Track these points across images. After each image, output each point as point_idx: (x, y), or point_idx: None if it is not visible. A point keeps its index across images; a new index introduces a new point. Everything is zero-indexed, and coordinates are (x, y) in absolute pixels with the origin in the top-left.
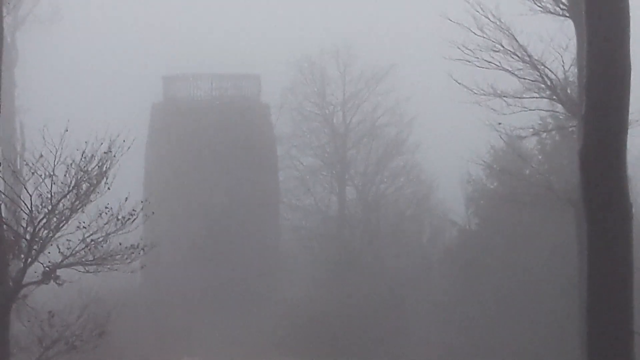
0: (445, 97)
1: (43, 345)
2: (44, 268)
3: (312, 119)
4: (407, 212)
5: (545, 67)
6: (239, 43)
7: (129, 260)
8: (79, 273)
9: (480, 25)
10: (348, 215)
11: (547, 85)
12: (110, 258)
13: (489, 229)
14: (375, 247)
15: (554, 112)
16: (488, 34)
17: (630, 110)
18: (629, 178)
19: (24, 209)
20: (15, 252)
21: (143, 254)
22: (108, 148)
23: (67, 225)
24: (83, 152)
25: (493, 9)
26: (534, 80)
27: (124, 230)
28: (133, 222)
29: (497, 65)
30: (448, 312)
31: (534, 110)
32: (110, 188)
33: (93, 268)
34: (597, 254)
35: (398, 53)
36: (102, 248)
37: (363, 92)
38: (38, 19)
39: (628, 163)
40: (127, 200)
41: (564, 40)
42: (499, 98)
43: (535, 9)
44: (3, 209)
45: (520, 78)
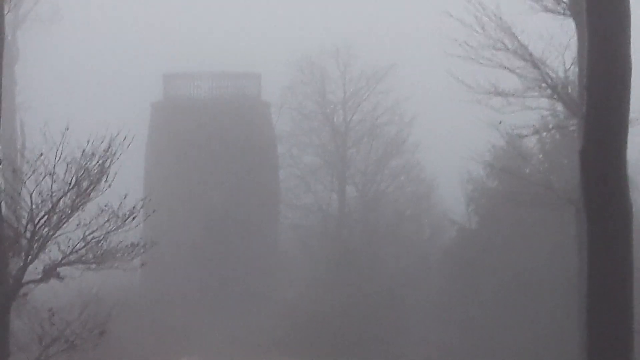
0: (446, 96)
1: (43, 344)
2: (45, 266)
3: (312, 118)
4: (407, 211)
5: (546, 66)
6: (240, 42)
7: (130, 258)
8: (80, 270)
9: (481, 24)
10: (348, 214)
11: (547, 84)
12: (111, 256)
13: (489, 228)
14: (375, 246)
15: (555, 111)
16: (489, 33)
17: (631, 110)
18: (629, 178)
19: (25, 207)
20: (16, 250)
21: (143, 252)
22: (108, 146)
23: (67, 223)
24: (84, 150)
25: (494, 8)
26: (535, 79)
27: (124, 229)
28: (133, 220)
29: (498, 64)
30: (447, 311)
31: (535, 109)
32: (111, 186)
33: (93, 266)
34: (597, 254)
35: (398, 52)
36: (102, 246)
37: (363, 91)
38: (39, 18)
39: (628, 162)
40: (126, 198)
41: (565, 39)
42: (500, 97)
43: (536, 8)
44: (3, 207)
45: (521, 77)
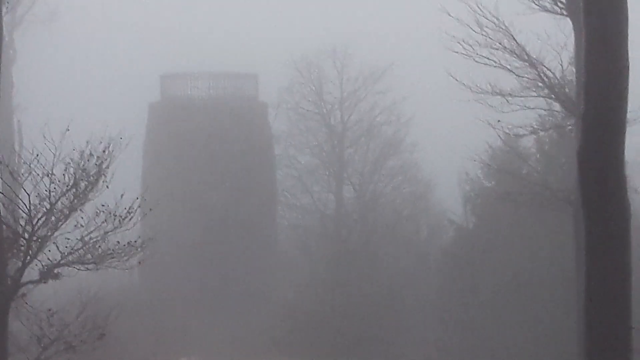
0: (443, 96)
1: (42, 345)
2: (43, 267)
3: (309, 118)
4: (404, 211)
5: (543, 65)
6: (237, 42)
7: (127, 258)
8: (78, 271)
9: (479, 24)
10: (345, 214)
11: (545, 84)
12: (109, 256)
13: (487, 228)
14: (374, 246)
15: (552, 110)
16: (487, 32)
17: (629, 109)
18: (627, 177)
19: (23, 208)
20: (14, 251)
21: (140, 251)
22: (106, 147)
23: (65, 224)
24: (82, 151)
25: (492, 8)
26: (532, 79)
27: (122, 229)
28: (130, 220)
29: (495, 63)
30: (446, 311)
31: (532, 109)
32: (109, 187)
33: (92, 266)
34: (595, 253)
35: (396, 53)
36: (100, 246)
37: (360, 91)
38: (36, 19)
39: (626, 162)
40: (122, 198)
41: (562, 39)
42: (497, 96)
43: (534, 8)
44: (2, 208)
45: (519, 76)
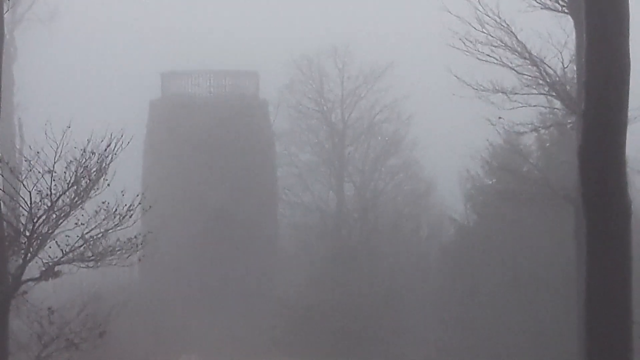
0: (444, 94)
1: (42, 343)
2: (44, 265)
3: (310, 116)
4: (405, 209)
5: (545, 63)
6: (238, 40)
7: (127, 256)
8: (78, 268)
9: (480, 22)
10: (346, 213)
11: (546, 82)
12: (109, 253)
13: (488, 226)
14: (374, 244)
15: (553, 108)
16: (488, 30)
17: (630, 108)
18: (628, 175)
19: (24, 206)
20: (15, 248)
21: (140, 248)
22: (108, 144)
23: (66, 222)
24: (84, 148)
25: (493, 6)
26: (533, 77)
27: (122, 227)
28: (131, 217)
29: (496, 60)
30: (447, 310)
31: (533, 107)
32: (110, 185)
33: (92, 263)
34: (595, 251)
35: (396, 51)
36: (100, 244)
37: (361, 89)
38: (36, 17)
39: (627, 160)
40: (124, 196)
41: (563, 37)
42: (498, 94)
43: (535, 5)
44: (2, 206)
45: (520, 74)
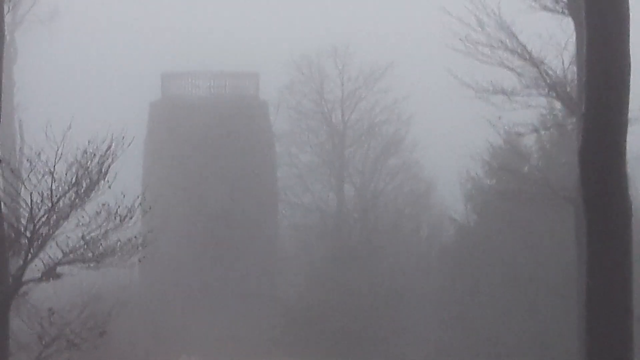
0: (444, 95)
1: (43, 343)
2: (44, 265)
3: (310, 117)
4: (405, 209)
5: (545, 64)
6: (238, 41)
7: (128, 257)
8: (79, 269)
9: (481, 22)
10: (346, 213)
11: (546, 83)
12: (110, 254)
13: (488, 227)
14: (374, 244)
15: (553, 109)
16: (488, 31)
17: (630, 108)
18: (629, 176)
19: (24, 207)
20: (16, 249)
21: (141, 249)
22: (109, 146)
23: (66, 223)
24: (85, 149)
25: (494, 7)
26: (534, 78)
27: (123, 227)
28: (131, 219)
29: (497, 62)
30: (446, 310)
31: (533, 108)
32: (111, 187)
33: (93, 265)
34: (596, 252)
35: (397, 51)
36: (101, 245)
37: (361, 90)
38: (37, 18)
39: (627, 161)
40: (124, 197)
41: (563, 38)
42: (498, 95)
43: (535, 7)
44: (3, 207)
45: (520, 75)
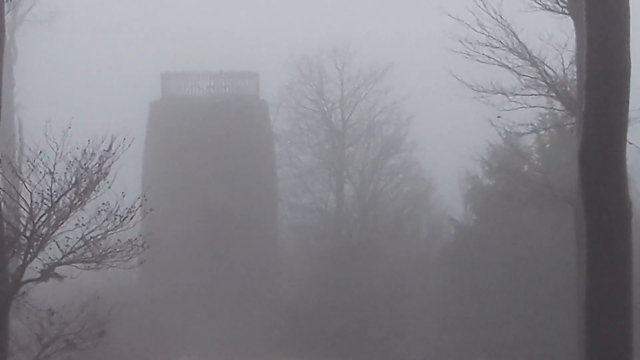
0: (444, 95)
1: (42, 343)
2: (44, 266)
3: (310, 117)
4: (405, 210)
5: (545, 64)
6: (238, 41)
7: (128, 258)
8: (79, 270)
9: (481, 22)
10: (346, 213)
11: (546, 83)
12: (109, 255)
13: (487, 227)
14: (373, 244)
15: (553, 109)
16: (488, 31)
17: (630, 109)
18: (628, 176)
19: (24, 206)
20: (15, 249)
21: (142, 251)
22: (109, 146)
23: (66, 223)
24: (84, 149)
25: (494, 6)
26: (533, 78)
27: (123, 228)
28: (132, 219)
29: (496, 61)
30: (446, 311)
31: (533, 108)
32: (111, 187)
33: (93, 265)
34: (596, 253)
35: (396, 51)
36: (101, 245)
37: (361, 90)
38: (37, 18)
39: (627, 161)
40: (124, 197)
41: (563, 38)
42: (498, 95)
43: (535, 6)
44: (3, 206)
45: (520, 75)
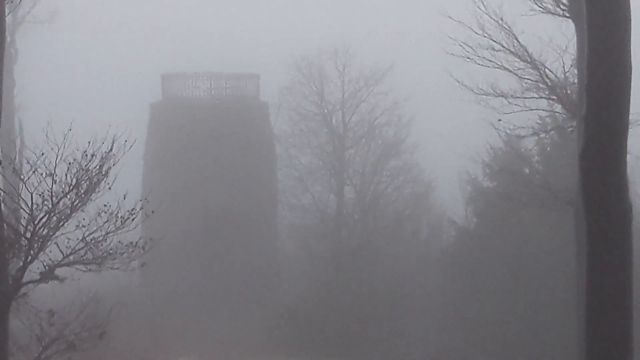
0: (445, 97)
1: (42, 344)
2: (44, 267)
3: (310, 119)
4: (405, 211)
5: (545, 67)
6: (238, 42)
7: (129, 260)
8: (80, 271)
9: (481, 25)
10: (346, 215)
11: (547, 85)
12: (110, 257)
13: (488, 229)
14: (374, 246)
15: (553, 112)
16: (489, 33)
17: (631, 111)
18: (629, 179)
19: (25, 208)
20: (15, 250)
21: (143, 254)
22: (110, 147)
23: (67, 224)
24: (85, 151)
25: (495, 8)
26: (534, 80)
27: (124, 230)
28: (133, 221)
29: (497, 64)
30: (446, 311)
31: (534, 110)
32: (111, 188)
33: (94, 267)
34: (596, 255)
35: (397, 53)
36: (101, 247)
37: (362, 91)
38: (37, 19)
39: (628, 164)
40: (125, 199)
41: (564, 41)
42: (499, 97)
43: (536, 9)
44: (3, 207)
45: (521, 78)
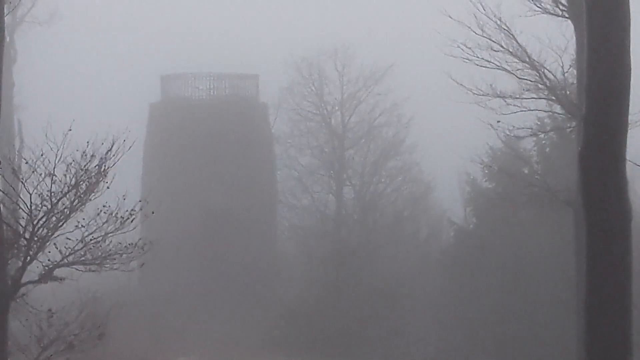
0: (444, 97)
1: (41, 345)
2: (43, 267)
3: (310, 119)
4: (404, 212)
5: (544, 67)
6: (238, 43)
7: (129, 260)
8: (79, 272)
9: (481, 25)
10: (345, 215)
11: (546, 86)
12: (110, 257)
13: (487, 229)
14: (373, 246)
15: (553, 112)
16: (488, 34)
17: (630, 112)
18: (628, 179)
19: (24, 208)
20: (14, 251)
21: (143, 253)
22: (109, 148)
23: (66, 224)
24: (84, 151)
25: (494, 9)
26: (533, 81)
27: (123, 230)
28: (132, 221)
29: (496, 65)
30: (446, 311)
31: (533, 111)
32: (110, 187)
33: (93, 267)
34: (595, 255)
35: (397, 53)
36: (101, 247)
37: (361, 92)
38: (36, 19)
39: (627, 164)
40: (125, 199)
41: (563, 42)
42: (498, 98)
43: (535, 10)
44: (2, 208)
45: (519, 78)
